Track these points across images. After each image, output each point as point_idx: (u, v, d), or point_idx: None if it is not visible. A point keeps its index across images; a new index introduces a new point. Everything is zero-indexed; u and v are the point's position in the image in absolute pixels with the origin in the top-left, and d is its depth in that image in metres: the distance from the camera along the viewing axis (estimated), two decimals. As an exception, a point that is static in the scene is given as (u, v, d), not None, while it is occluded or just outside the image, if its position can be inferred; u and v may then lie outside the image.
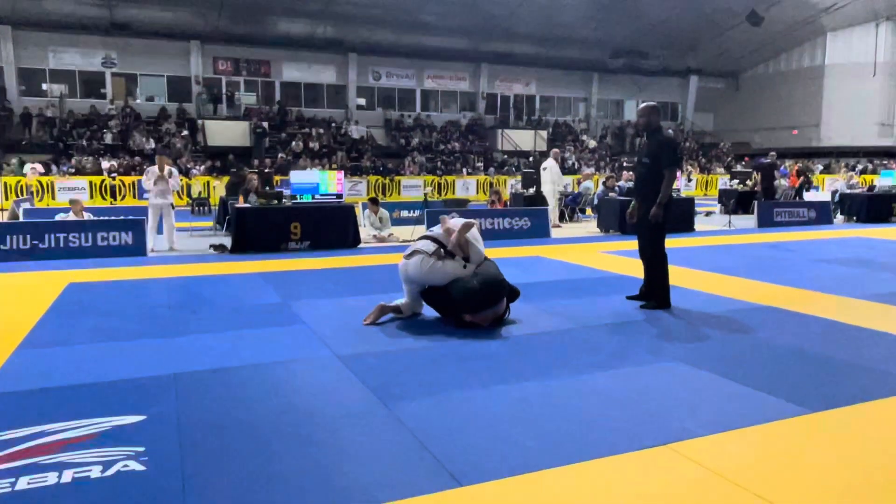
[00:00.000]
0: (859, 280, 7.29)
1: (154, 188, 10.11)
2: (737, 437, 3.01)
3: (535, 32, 29.81)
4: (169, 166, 10.37)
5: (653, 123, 5.82)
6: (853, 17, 31.89)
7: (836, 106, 33.61)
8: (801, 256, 9.30)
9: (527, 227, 11.99)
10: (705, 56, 34.69)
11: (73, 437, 3.01)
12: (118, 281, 7.37)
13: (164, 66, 27.94)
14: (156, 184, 10.09)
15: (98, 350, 4.50)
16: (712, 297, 6.31)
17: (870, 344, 4.63)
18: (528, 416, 3.27)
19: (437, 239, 5.32)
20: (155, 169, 10.18)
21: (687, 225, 12.92)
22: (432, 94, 33.26)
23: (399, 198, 23.32)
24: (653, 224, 5.71)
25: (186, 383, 3.78)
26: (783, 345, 4.61)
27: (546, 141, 31.65)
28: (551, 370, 4.02)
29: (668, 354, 4.36)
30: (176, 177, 10.37)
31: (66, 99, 26.17)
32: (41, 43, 25.79)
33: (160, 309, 5.86)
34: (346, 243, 10.34)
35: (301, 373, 4.05)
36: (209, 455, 2.83)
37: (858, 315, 5.51)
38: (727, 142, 36.60)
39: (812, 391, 3.62)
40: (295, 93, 30.38)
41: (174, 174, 10.33)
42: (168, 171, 10.21)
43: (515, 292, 5.49)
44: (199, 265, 8.55)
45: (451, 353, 4.42)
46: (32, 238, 9.06)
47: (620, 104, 37.48)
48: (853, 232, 12.79)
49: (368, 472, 2.67)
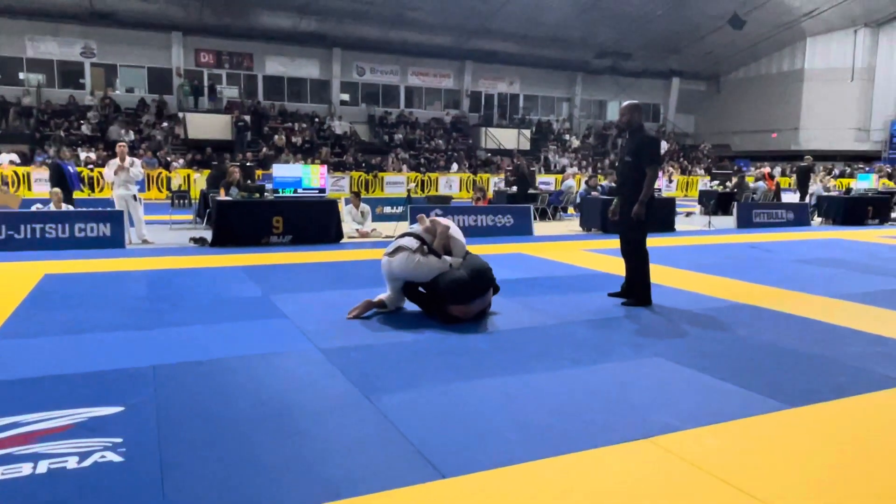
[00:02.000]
0: (836, 280, 7.40)
1: (115, 178, 9.95)
2: (717, 431, 3.04)
3: (520, 31, 29.86)
4: (129, 156, 10.19)
5: (635, 122, 5.85)
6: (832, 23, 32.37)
7: (815, 110, 34.12)
8: (780, 256, 9.43)
9: (510, 225, 12.01)
10: (687, 58, 35.01)
11: (49, 427, 2.95)
12: (96, 273, 7.26)
13: (145, 57, 27.55)
14: (116, 174, 9.93)
15: (75, 341, 4.43)
16: (693, 295, 6.37)
17: (847, 342, 4.70)
18: (510, 410, 3.27)
19: (419, 236, 5.33)
20: (116, 160, 10.00)
21: (668, 225, 13.04)
22: (416, 91, 33.19)
23: (382, 194, 23.23)
24: (634, 222, 5.75)
25: (165, 375, 3.73)
26: (762, 342, 4.66)
27: (529, 140, 31.75)
28: (533, 364, 4.03)
29: (648, 350, 4.39)
30: (137, 166, 10.18)
31: (44, 89, 25.71)
32: (19, 31, 25.30)
33: (139, 301, 5.77)
34: (328, 238, 10.29)
35: (282, 366, 4.01)
36: (188, 446, 2.80)
37: (836, 314, 5.60)
38: (707, 144, 36.99)
39: (790, 387, 3.67)
40: (278, 87, 30.14)
41: (135, 163, 10.14)
42: (130, 161, 10.03)
43: (496, 287, 5.52)
44: (179, 258, 8.44)
45: (434, 347, 4.41)
46: (8, 228, 8.90)
47: (603, 105, 37.70)
48: (830, 234, 12.99)
49: (351, 464, 2.66)
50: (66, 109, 24.99)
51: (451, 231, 5.38)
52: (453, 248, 5.31)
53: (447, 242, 5.31)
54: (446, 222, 5.47)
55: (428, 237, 5.32)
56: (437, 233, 5.35)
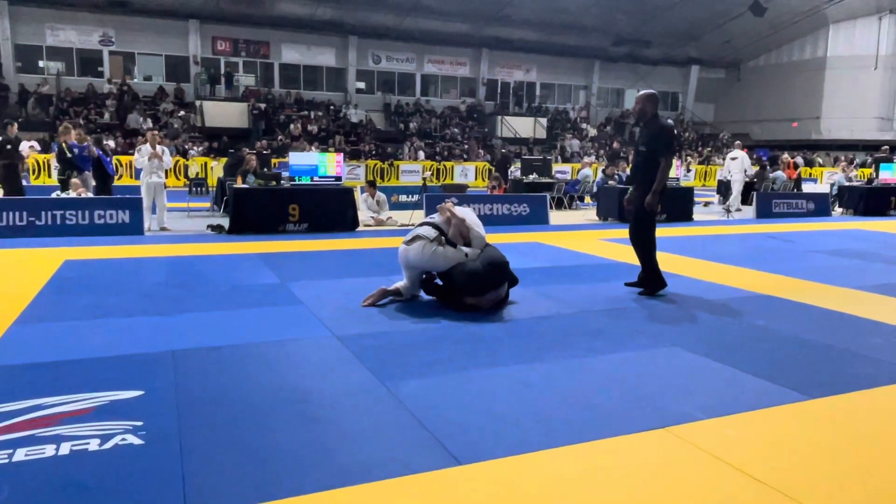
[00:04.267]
0: (857, 271, 7.30)
1: (147, 166, 10.05)
2: (735, 422, 3.01)
3: (537, 18, 29.59)
4: (160, 144, 10.31)
5: (649, 112, 5.80)
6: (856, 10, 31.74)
7: (837, 99, 33.53)
8: (800, 247, 9.31)
9: (526, 214, 11.97)
10: (707, 46, 34.52)
11: (71, 410, 3.00)
12: (115, 259, 7.34)
13: (163, 45, 27.70)
14: (149, 160, 10.03)
15: (95, 326, 4.48)
16: (711, 285, 6.31)
17: (868, 333, 4.64)
18: (526, 398, 3.27)
19: (437, 226, 5.32)
20: (148, 147, 10.11)
21: (685, 215, 12.92)
22: (432, 79, 33.07)
23: (398, 182, 23.23)
24: (644, 211, 5.71)
25: (184, 360, 3.77)
26: (781, 332, 4.61)
27: (545, 129, 31.52)
28: (550, 353, 4.02)
29: (666, 339, 4.36)
30: (167, 154, 10.31)
31: (63, 77, 25.94)
32: (39, 19, 25.52)
33: (158, 287, 5.83)
34: (344, 226, 10.32)
35: (299, 352, 4.04)
36: (207, 430, 2.83)
37: (856, 305, 5.52)
38: (727, 133, 36.53)
39: (811, 378, 3.63)
40: (294, 75, 30.17)
41: (166, 152, 10.27)
42: (161, 148, 10.14)
43: (514, 280, 5.49)
44: (197, 245, 8.51)
45: (450, 335, 4.41)
46: (29, 215, 9.02)
47: (621, 93, 37.31)
48: (851, 224, 12.80)
49: (367, 450, 2.67)
50: (85, 97, 25.21)
51: (468, 222, 5.34)
52: (472, 240, 5.29)
53: (466, 233, 5.29)
54: (462, 213, 5.43)
55: (446, 227, 5.31)
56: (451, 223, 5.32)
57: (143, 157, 10.07)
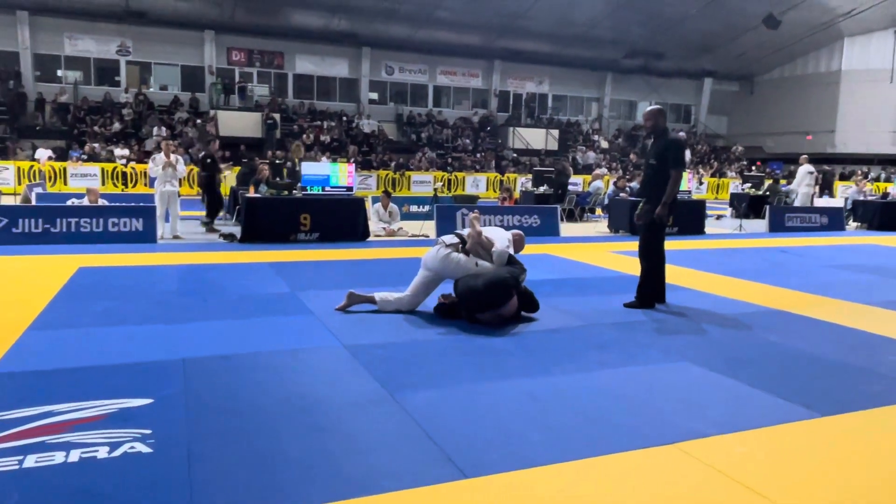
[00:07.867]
0: (872, 286, 7.22)
1: (161, 175, 10.15)
2: (745, 439, 2.98)
3: (550, 30, 29.66)
4: (174, 153, 10.41)
5: (659, 126, 5.89)
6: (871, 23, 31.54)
7: (852, 112, 33.27)
8: (813, 261, 9.23)
9: (536, 225, 11.96)
10: (720, 58, 34.41)
11: (81, 417, 3.02)
12: (128, 267, 7.41)
13: (179, 55, 28.01)
14: (164, 170, 10.13)
15: (107, 333, 4.52)
16: (722, 300, 6.26)
17: (882, 350, 4.58)
18: (534, 411, 3.25)
19: (461, 235, 5.43)
20: (162, 156, 10.21)
21: (697, 228, 12.85)
22: (444, 90, 33.18)
23: (409, 193, 23.29)
24: (653, 223, 5.71)
25: (194, 368, 3.79)
26: (794, 348, 4.57)
27: (557, 140, 31.52)
28: (558, 366, 4.01)
29: (677, 354, 4.33)
30: (181, 163, 10.40)
31: (81, 86, 26.29)
32: (57, 29, 25.90)
33: (169, 295, 5.87)
34: (355, 236, 10.35)
35: (309, 361, 4.05)
36: (216, 439, 2.84)
37: (870, 321, 5.46)
38: (740, 146, 36.35)
39: (823, 395, 3.59)
40: (307, 85, 30.39)
41: (179, 160, 10.37)
42: (174, 157, 10.24)
43: (535, 304, 5.35)
44: (209, 253, 8.57)
45: (458, 347, 4.41)
46: (45, 222, 9.12)
47: (633, 105, 37.24)
48: (866, 239, 12.68)
49: (375, 461, 2.67)
50: (102, 106, 25.51)
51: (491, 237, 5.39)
52: (493, 254, 5.31)
53: (488, 247, 5.34)
54: (487, 230, 5.52)
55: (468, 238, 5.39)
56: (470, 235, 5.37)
57: (157, 166, 10.17)
